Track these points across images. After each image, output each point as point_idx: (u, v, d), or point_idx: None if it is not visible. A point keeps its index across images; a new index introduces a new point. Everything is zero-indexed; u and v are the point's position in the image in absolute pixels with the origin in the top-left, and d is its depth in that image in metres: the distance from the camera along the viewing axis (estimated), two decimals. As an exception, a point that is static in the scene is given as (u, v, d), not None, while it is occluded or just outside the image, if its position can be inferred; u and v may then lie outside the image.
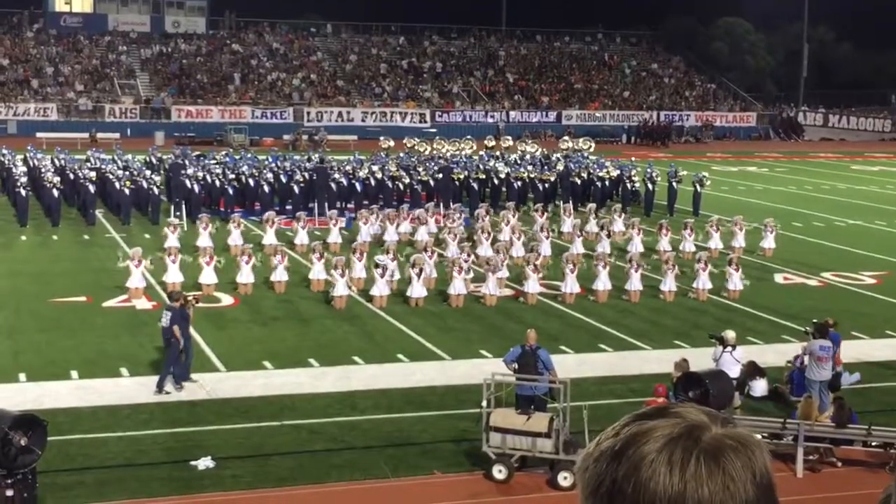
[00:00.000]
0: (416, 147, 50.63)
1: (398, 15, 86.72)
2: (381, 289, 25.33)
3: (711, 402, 14.72)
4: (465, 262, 26.53)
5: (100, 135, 62.78)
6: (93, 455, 15.97)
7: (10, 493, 13.13)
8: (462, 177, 40.84)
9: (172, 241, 29.10)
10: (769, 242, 32.51)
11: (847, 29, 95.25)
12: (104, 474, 15.33)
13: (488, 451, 15.49)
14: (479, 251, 28.84)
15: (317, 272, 26.66)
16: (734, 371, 18.23)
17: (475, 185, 40.29)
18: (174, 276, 25.71)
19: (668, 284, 26.61)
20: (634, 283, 26.48)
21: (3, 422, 13.33)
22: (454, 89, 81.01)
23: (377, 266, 25.60)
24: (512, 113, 77.80)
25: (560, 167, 43.51)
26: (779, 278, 29.79)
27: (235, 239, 30.47)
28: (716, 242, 31.67)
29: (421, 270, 25.69)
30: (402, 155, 46.35)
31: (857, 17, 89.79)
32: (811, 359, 18.36)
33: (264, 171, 39.34)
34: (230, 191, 37.65)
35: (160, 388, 18.77)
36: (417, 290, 25.54)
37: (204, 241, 29.57)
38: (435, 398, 18.94)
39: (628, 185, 41.37)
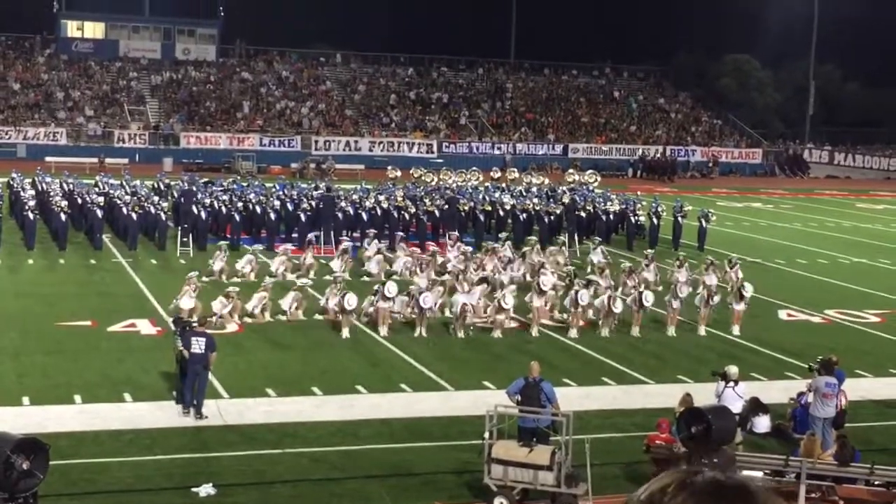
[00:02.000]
0: (422, 177, 50.78)
1: (407, 46, 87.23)
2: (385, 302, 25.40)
3: (713, 438, 14.73)
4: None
5: (108, 160, 63.02)
6: (95, 480, 15.97)
7: (11, 516, 13.13)
8: (468, 208, 40.97)
9: (219, 264, 30.44)
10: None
11: (854, 67, 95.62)
12: (105, 500, 15.33)
13: (490, 483, 15.47)
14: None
15: (331, 302, 26.62)
16: (736, 407, 18.17)
17: (481, 217, 40.41)
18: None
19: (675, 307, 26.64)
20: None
21: (5, 445, 13.34)
22: (462, 120, 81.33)
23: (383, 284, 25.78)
24: (519, 145, 78.04)
25: (566, 200, 43.63)
26: (782, 314, 29.79)
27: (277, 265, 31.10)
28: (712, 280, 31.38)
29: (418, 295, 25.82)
30: (408, 185, 46.49)
31: (863, 56, 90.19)
32: (816, 395, 18.33)
33: (271, 199, 39.52)
34: (237, 218, 37.77)
35: (199, 412, 18.89)
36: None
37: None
38: (437, 429, 18.94)
39: (633, 220, 41.45)
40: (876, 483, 16.13)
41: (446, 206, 40.64)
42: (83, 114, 73.28)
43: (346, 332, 25.02)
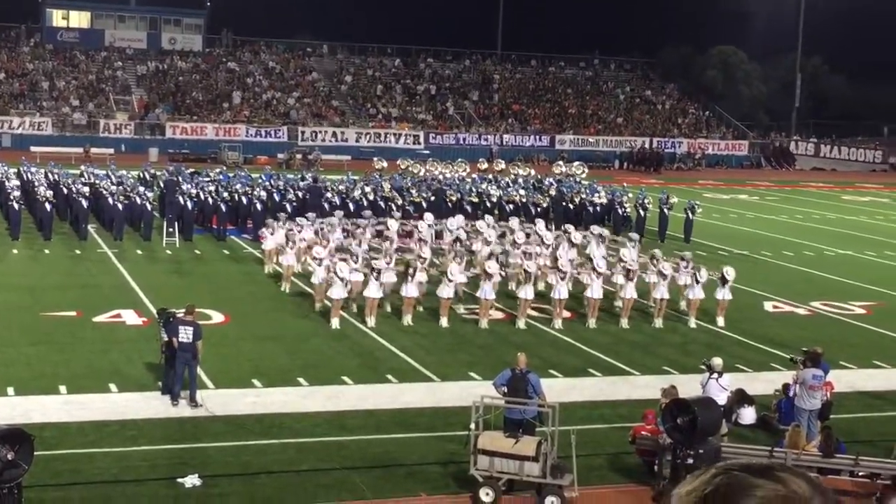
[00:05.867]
0: (409, 168, 50.75)
1: (394, 37, 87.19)
2: (373, 291, 25.34)
3: (699, 430, 14.76)
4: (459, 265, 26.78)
5: (94, 150, 62.82)
6: (79, 471, 15.93)
7: (-5, 506, 13.09)
8: (455, 199, 40.96)
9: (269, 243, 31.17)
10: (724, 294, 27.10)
11: (840, 60, 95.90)
12: (90, 490, 15.28)
13: (476, 473, 15.49)
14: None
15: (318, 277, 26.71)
16: (721, 398, 18.22)
17: (468, 208, 40.40)
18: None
19: (661, 292, 26.68)
20: (629, 292, 26.56)
21: (-10, 435, 13.30)
22: (449, 111, 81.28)
23: (372, 269, 25.69)
24: (506, 136, 78.04)
25: (553, 191, 43.70)
26: (768, 306, 29.87)
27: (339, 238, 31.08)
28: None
29: (415, 271, 25.78)
30: (395, 176, 46.47)
31: (850, 49, 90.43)
32: (802, 388, 18.37)
33: (257, 190, 39.45)
34: (223, 208, 37.68)
35: (194, 401, 18.93)
36: (410, 290, 25.60)
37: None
38: (423, 420, 18.94)
39: (619, 211, 41.53)
40: (860, 474, 16.21)
41: (433, 197, 40.63)
42: (68, 103, 72.98)
43: (335, 323, 25.00)
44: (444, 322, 25.59)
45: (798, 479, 1.85)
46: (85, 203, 36.83)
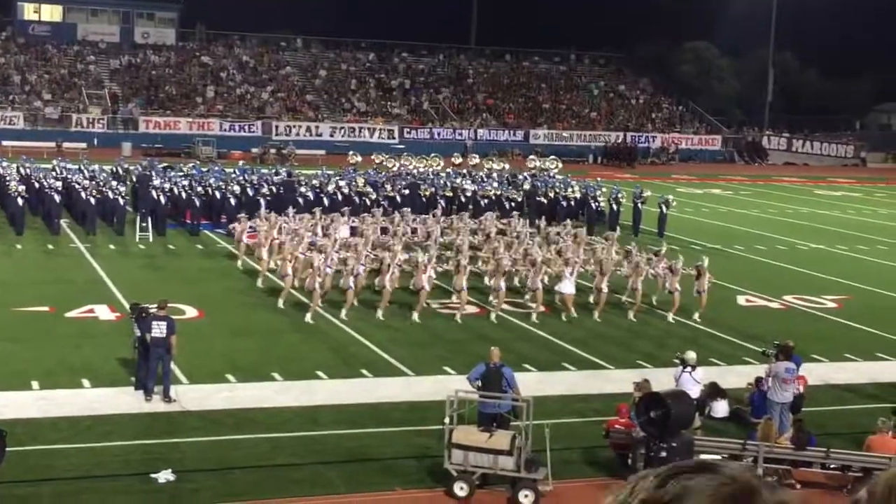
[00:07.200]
0: (384, 163, 50.71)
1: (368, 31, 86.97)
2: (348, 281, 25.36)
3: (672, 423, 14.84)
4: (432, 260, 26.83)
5: (66, 144, 62.38)
6: (52, 467, 15.85)
7: (-33, 503, 13.01)
8: (429, 193, 40.97)
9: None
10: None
11: (812, 55, 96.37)
12: (62, 486, 15.22)
13: (450, 468, 15.51)
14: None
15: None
16: (694, 392, 18.32)
17: (442, 202, 40.40)
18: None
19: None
20: (602, 286, 26.64)
21: (-39, 431, 13.22)
22: (423, 106, 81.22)
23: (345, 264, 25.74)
24: (480, 131, 78.07)
25: (527, 186, 43.78)
26: (741, 300, 30.04)
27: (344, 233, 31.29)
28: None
29: (389, 267, 25.82)
30: (369, 171, 46.43)
31: (822, 45, 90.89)
32: (775, 381, 18.49)
33: (231, 184, 39.32)
34: (197, 203, 37.54)
35: (167, 396, 18.84)
36: (384, 282, 25.66)
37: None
38: (398, 414, 18.95)
39: (593, 206, 41.63)
40: (831, 466, 16.35)
41: (407, 192, 40.61)
42: (40, 98, 72.45)
43: (308, 317, 24.98)
44: (415, 316, 25.58)
45: (744, 472, 1.84)
46: (57, 197, 36.62)
